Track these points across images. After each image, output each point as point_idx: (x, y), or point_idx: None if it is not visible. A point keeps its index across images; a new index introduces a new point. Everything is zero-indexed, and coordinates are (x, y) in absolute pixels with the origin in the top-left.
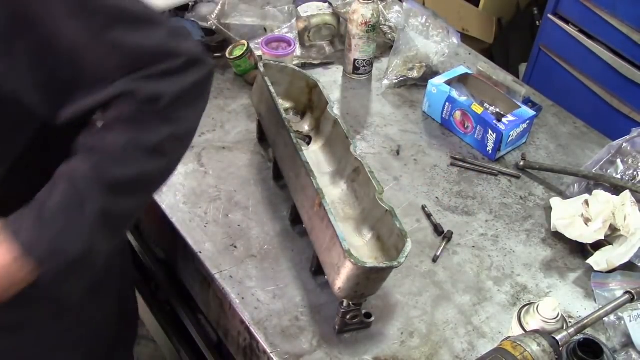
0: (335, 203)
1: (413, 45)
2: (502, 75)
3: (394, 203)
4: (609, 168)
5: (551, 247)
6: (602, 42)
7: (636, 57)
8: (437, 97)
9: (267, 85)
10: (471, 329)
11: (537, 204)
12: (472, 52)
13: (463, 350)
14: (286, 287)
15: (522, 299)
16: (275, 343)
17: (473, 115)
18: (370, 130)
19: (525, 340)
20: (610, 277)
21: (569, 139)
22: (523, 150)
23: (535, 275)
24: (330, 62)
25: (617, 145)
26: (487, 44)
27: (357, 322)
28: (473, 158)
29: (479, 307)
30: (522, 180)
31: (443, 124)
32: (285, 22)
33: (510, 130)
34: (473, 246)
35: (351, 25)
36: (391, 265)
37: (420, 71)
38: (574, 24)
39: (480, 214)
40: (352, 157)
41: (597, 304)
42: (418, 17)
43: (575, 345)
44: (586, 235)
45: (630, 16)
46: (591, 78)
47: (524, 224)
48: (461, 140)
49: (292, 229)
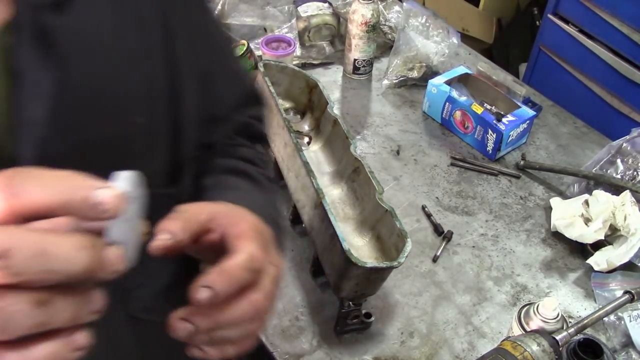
0: (335, 203)
1: (413, 45)
2: (502, 75)
3: (394, 203)
4: (609, 168)
5: (551, 247)
6: (602, 42)
7: (636, 57)
8: (437, 97)
9: (267, 85)
10: (471, 329)
11: (537, 204)
12: (472, 52)
13: (463, 350)
14: (286, 287)
15: (522, 299)
16: (275, 343)
17: (473, 115)
18: (370, 130)
19: (525, 340)
20: (610, 277)
21: (569, 139)
22: (523, 150)
23: (535, 275)
24: (330, 62)
25: (617, 145)
26: (487, 44)
27: (357, 322)
28: (473, 158)
29: (479, 307)
30: (522, 180)
31: (443, 124)
32: (285, 22)
33: (510, 130)
34: (473, 246)
35: (351, 25)
36: (391, 265)
37: (420, 71)
38: (574, 24)
39: (480, 214)
40: (352, 157)
41: (597, 304)
42: (418, 17)
43: (575, 345)
44: (586, 235)
45: (630, 16)
46: (591, 78)
47: (524, 224)
48: (461, 140)
49: (292, 229)
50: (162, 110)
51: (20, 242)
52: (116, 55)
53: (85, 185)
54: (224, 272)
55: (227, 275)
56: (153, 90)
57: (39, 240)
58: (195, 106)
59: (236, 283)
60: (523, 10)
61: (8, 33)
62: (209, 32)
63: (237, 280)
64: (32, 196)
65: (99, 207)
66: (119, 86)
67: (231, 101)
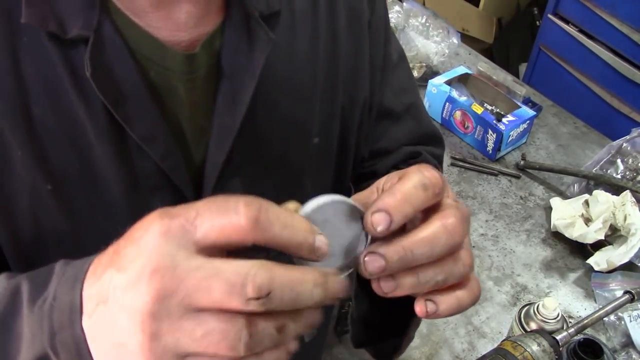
0: None
1: (413, 45)
2: (502, 75)
3: None
4: (609, 168)
5: (551, 247)
6: (602, 42)
7: (636, 57)
8: (437, 97)
9: None
10: (471, 329)
11: (537, 204)
12: (472, 52)
13: (463, 350)
14: None
15: (522, 299)
16: None
17: (473, 115)
18: None
19: (525, 340)
20: (610, 277)
21: (569, 139)
22: (523, 150)
23: (535, 275)
24: None
25: (617, 145)
26: (487, 44)
27: None
28: (473, 158)
29: (479, 307)
30: (522, 180)
31: (443, 124)
32: None
33: (510, 130)
34: (473, 246)
35: None
36: None
37: (420, 71)
38: (574, 24)
39: (480, 214)
40: None
41: (597, 304)
42: (418, 17)
43: (575, 345)
44: (586, 235)
45: (630, 16)
46: (591, 78)
47: (524, 224)
48: (461, 140)
49: None
50: (335, 133)
51: (277, 280)
52: (307, 78)
53: (309, 230)
54: (397, 192)
55: (401, 194)
56: (332, 115)
57: (290, 280)
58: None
59: (415, 203)
60: (523, 10)
61: (219, 37)
62: (396, 68)
63: (415, 199)
64: (274, 233)
65: (317, 252)
66: (305, 109)
67: (405, 140)
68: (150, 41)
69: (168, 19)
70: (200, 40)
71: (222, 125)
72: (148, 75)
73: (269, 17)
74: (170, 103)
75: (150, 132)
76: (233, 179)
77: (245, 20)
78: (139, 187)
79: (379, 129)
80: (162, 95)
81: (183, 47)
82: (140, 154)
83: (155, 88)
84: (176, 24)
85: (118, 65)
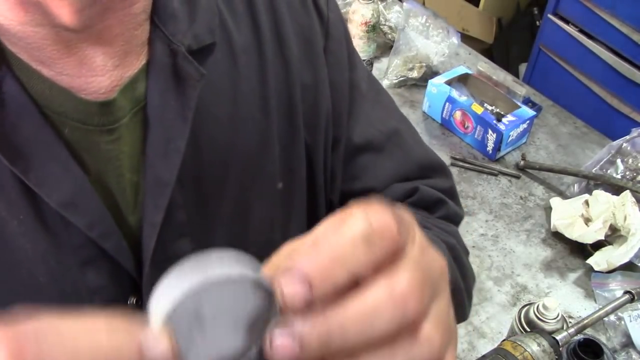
0: None
1: (413, 45)
2: (502, 75)
3: None
4: (609, 168)
5: (551, 247)
6: (602, 42)
7: (636, 57)
8: (437, 97)
9: None
10: (471, 329)
11: (537, 204)
12: (472, 52)
13: (463, 350)
14: None
15: (522, 299)
16: None
17: (473, 115)
18: None
19: (525, 340)
20: (610, 277)
21: (569, 139)
22: (523, 150)
23: (535, 275)
24: None
25: (617, 145)
26: (487, 44)
27: None
28: (473, 158)
29: (479, 307)
30: (522, 180)
31: (443, 124)
32: None
33: (510, 130)
34: (473, 246)
35: (351, 25)
36: None
37: (420, 71)
38: (574, 24)
39: (480, 214)
40: None
41: (597, 304)
42: (418, 17)
43: (575, 345)
44: (586, 235)
45: (630, 16)
46: (591, 78)
47: (524, 224)
48: (461, 140)
49: None
50: (302, 174)
51: None
52: (257, 116)
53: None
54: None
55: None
56: (294, 154)
57: None
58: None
59: (351, 265)
60: (523, 10)
61: (142, 79)
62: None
63: (351, 259)
64: None
65: None
66: (260, 150)
67: (394, 173)
68: (60, 93)
69: (82, 64)
70: (120, 85)
71: (156, 179)
72: (62, 132)
73: (199, 51)
74: (91, 161)
75: (70, 198)
76: (180, 240)
77: (172, 58)
78: (66, 263)
79: (358, 165)
80: (81, 152)
81: (103, 95)
82: (63, 224)
83: (72, 146)
84: (91, 69)
85: (24, 125)
